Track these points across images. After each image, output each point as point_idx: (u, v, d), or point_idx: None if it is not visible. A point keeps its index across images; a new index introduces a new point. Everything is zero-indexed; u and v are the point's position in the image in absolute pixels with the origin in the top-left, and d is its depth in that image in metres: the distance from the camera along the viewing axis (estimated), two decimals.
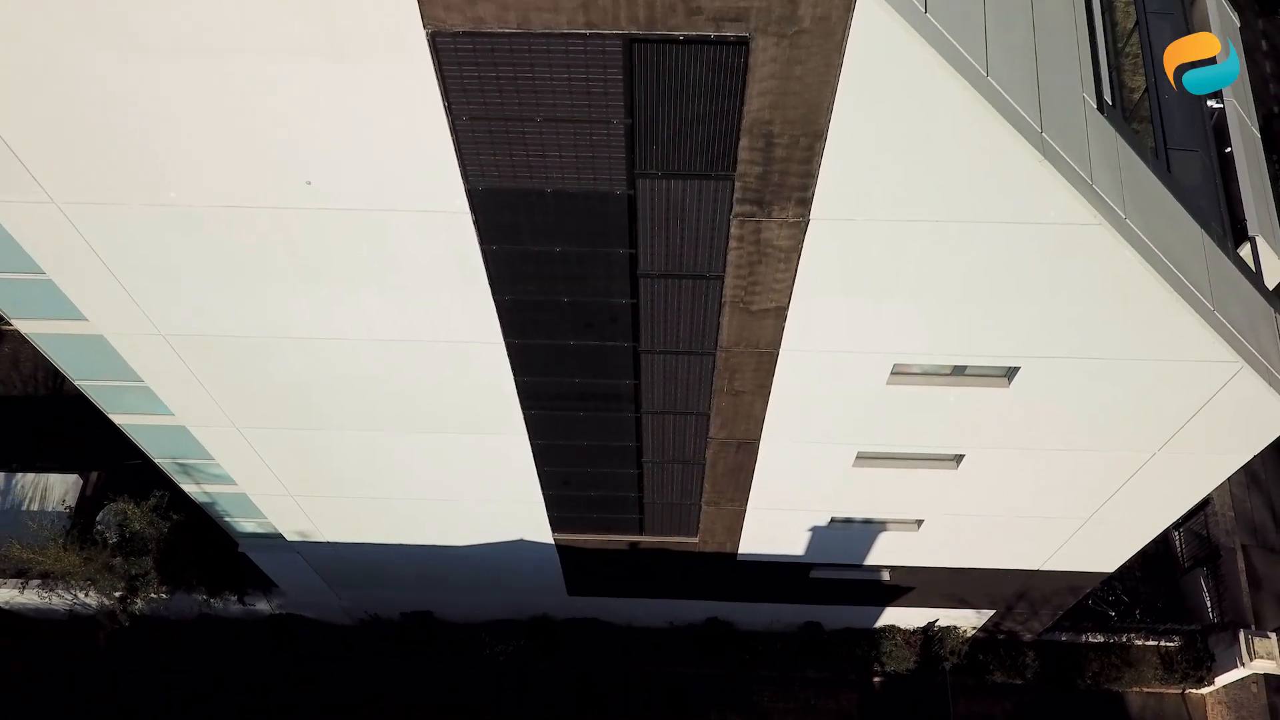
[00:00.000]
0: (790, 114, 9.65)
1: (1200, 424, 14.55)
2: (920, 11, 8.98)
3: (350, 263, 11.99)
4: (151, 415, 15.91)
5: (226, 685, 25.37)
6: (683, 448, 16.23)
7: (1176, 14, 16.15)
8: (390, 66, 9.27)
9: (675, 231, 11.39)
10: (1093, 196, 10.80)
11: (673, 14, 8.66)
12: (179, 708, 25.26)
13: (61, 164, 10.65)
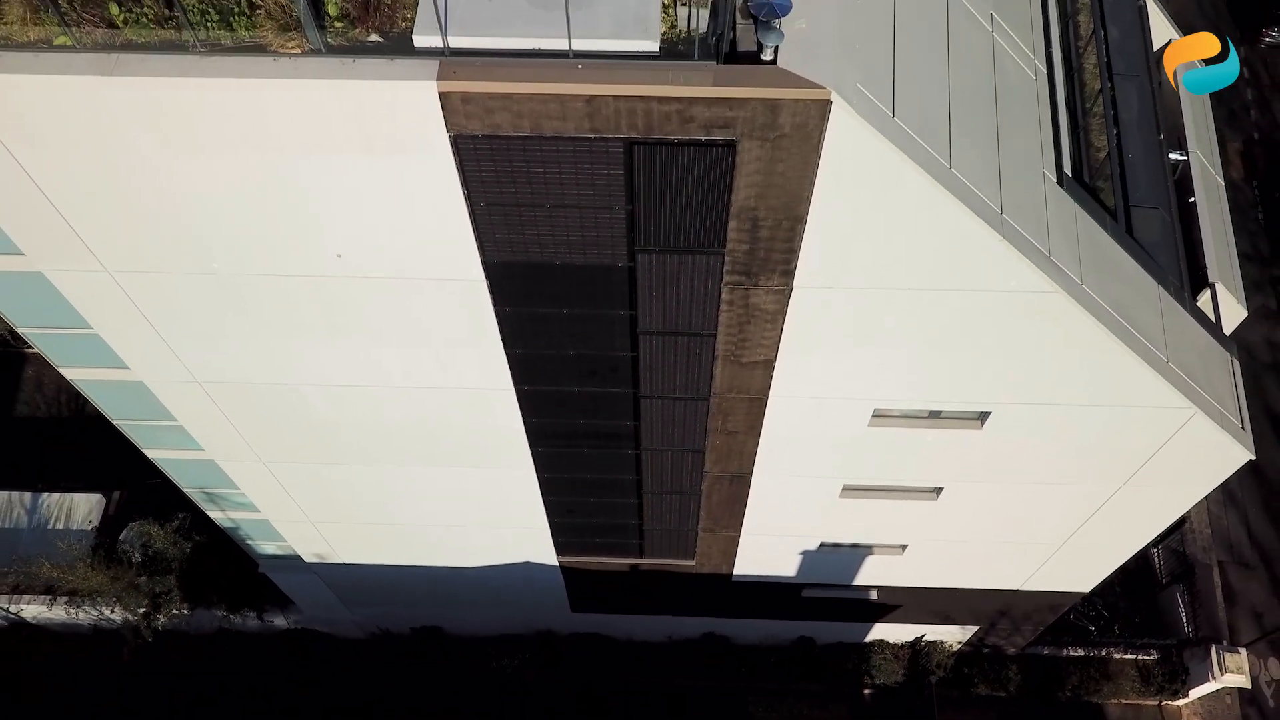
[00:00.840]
0: (773, 202, 10.77)
1: (1161, 461, 15.66)
2: (888, 116, 10.09)
3: (375, 322, 13.10)
4: (183, 450, 17.02)
5: (244, 696, 26.48)
6: (680, 481, 17.35)
7: (1142, 76, 17.23)
8: (415, 161, 10.39)
9: (672, 296, 12.51)
10: (1050, 267, 11.91)
11: (668, 122, 9.78)
12: (199, 718, 26.37)
13: (116, 240, 11.77)
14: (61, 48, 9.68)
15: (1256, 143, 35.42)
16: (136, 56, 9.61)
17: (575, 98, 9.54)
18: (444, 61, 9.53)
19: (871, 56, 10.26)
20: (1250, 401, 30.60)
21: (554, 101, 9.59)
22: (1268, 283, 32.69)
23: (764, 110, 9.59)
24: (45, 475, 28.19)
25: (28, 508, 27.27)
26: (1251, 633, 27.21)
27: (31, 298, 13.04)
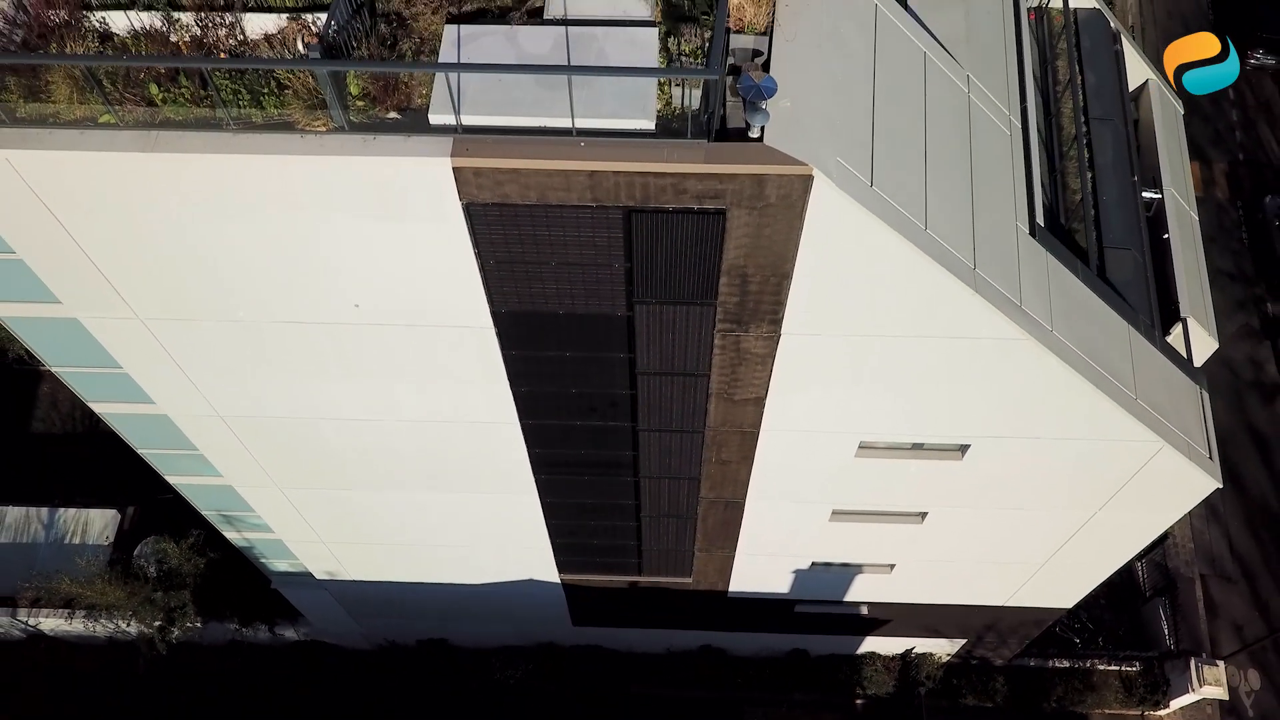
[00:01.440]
0: (761, 261, 11.61)
1: (1133, 489, 16.49)
2: (867, 185, 10.93)
3: (389, 364, 13.94)
4: (204, 477, 17.86)
5: (256, 706, 27.31)
6: (677, 505, 18.19)
7: (1117, 119, 18.07)
8: (430, 225, 11.23)
9: (668, 342, 13.35)
10: (1020, 316, 12.75)
11: (664, 193, 10.62)
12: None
13: (148, 292, 12.61)
14: (105, 125, 10.52)
15: (1241, 163, 36.22)
16: (174, 134, 10.45)
17: (578, 172, 10.38)
18: (458, 139, 10.37)
19: (852, 130, 11.10)
20: (1233, 418, 31.57)
21: (559, 175, 10.43)
22: (1251, 302, 33.48)
23: (751, 184, 10.43)
24: (61, 491, 28.98)
25: (45, 523, 28.11)
26: (1232, 644, 28.04)
27: (66, 341, 13.87)
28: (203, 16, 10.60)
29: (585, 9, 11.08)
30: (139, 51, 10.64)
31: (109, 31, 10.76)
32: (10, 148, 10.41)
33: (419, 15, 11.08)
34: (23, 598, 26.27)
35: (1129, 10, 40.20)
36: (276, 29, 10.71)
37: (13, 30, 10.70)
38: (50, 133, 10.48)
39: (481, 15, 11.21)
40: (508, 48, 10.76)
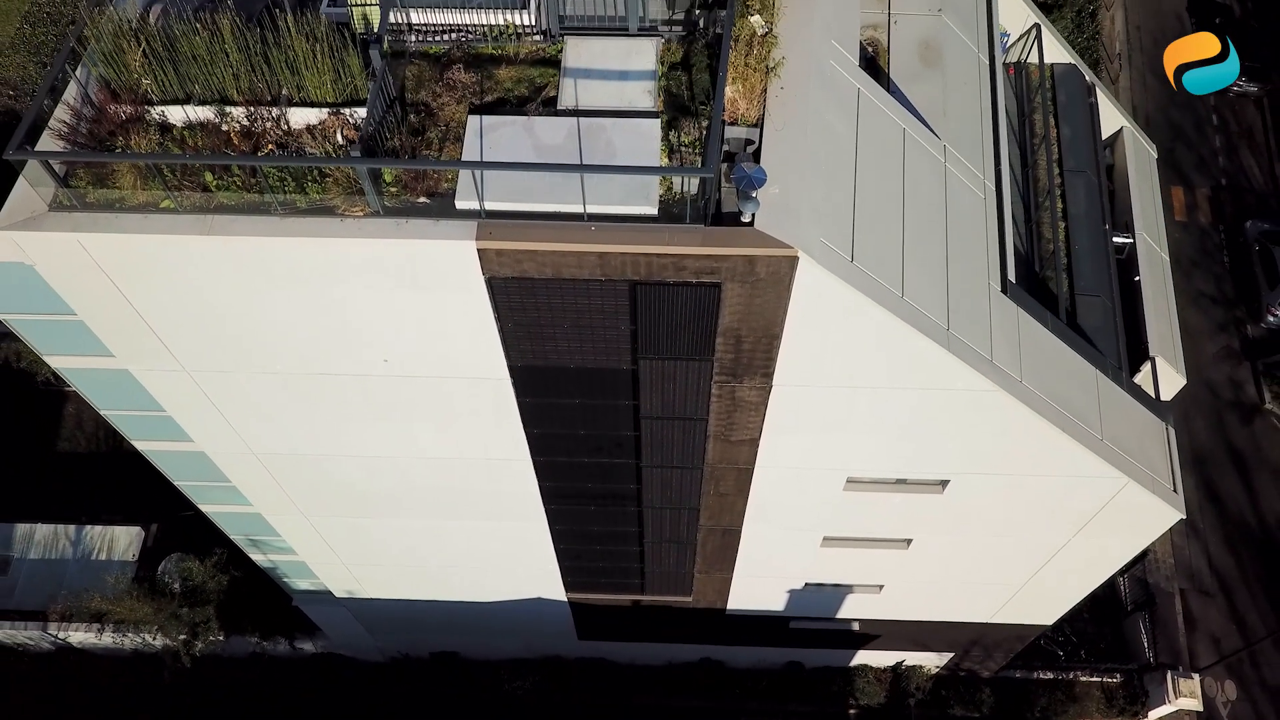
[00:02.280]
0: (753, 324, 12.83)
1: (1103, 519, 17.69)
2: (848, 261, 12.16)
3: (413, 409, 15.16)
4: (235, 505, 19.07)
5: (276, 716, 28.53)
6: (678, 532, 19.40)
7: (1090, 171, 19.27)
8: (455, 295, 12.45)
9: (669, 391, 14.57)
10: (991, 369, 13.96)
11: (665, 270, 11.84)
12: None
13: (196, 348, 13.84)
14: (166, 210, 11.75)
15: (1224, 188, 37.39)
16: (227, 217, 11.69)
17: (589, 253, 11.61)
18: (481, 223, 11.60)
19: (835, 211, 12.32)
20: (1213, 437, 32.74)
21: (572, 255, 11.66)
22: (1231, 324, 34.64)
23: (743, 263, 11.66)
24: (87, 508, 30.19)
25: (73, 540, 29.35)
26: (1210, 656, 29.22)
27: (115, 388, 15.09)
28: (251, 110, 11.81)
29: (595, 99, 12.33)
30: (195, 142, 11.84)
31: (168, 123, 11.96)
32: (81, 231, 11.64)
33: (444, 106, 12.32)
34: (53, 612, 27.48)
35: (1115, 37, 41.40)
36: (318, 120, 11.91)
37: (80, 123, 11.93)
38: (117, 216, 11.71)
39: (501, 104, 12.45)
40: (525, 138, 12.00)
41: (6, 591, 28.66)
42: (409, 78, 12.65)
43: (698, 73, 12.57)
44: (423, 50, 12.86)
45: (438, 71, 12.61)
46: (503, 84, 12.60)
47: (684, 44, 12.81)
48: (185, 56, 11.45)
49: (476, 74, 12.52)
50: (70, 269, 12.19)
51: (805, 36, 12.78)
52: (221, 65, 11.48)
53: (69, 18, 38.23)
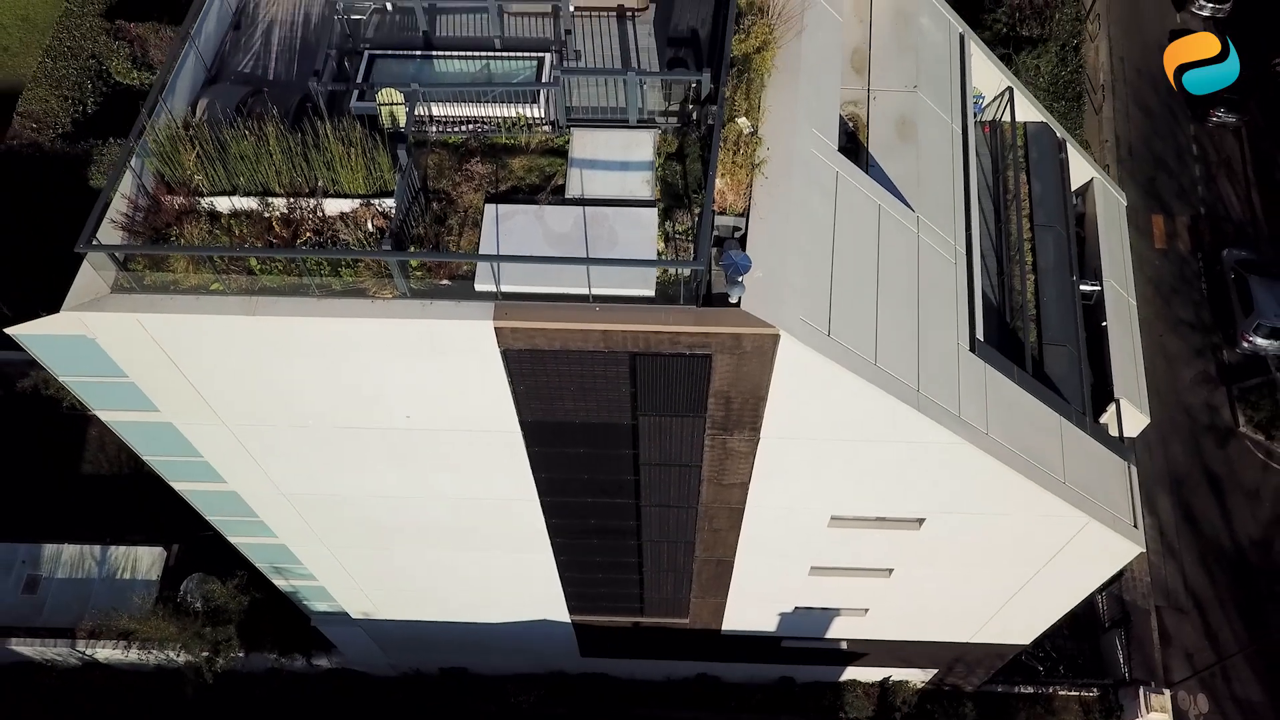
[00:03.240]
0: (741, 388, 14.21)
1: (1069, 553, 19.07)
2: (825, 335, 13.55)
3: (431, 457, 16.55)
4: (262, 538, 20.46)
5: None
6: (675, 562, 20.79)
7: (1059, 226, 20.67)
8: (473, 364, 13.84)
9: (666, 442, 15.95)
10: (958, 424, 15.34)
11: (662, 344, 13.23)
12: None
13: (236, 407, 15.23)
14: (215, 291, 13.14)
15: (1203, 217, 38.78)
16: (270, 299, 13.08)
17: (594, 330, 13.01)
18: (498, 304, 12.99)
19: (814, 289, 13.71)
20: (1189, 459, 34.15)
21: (578, 332, 13.05)
22: (1209, 349, 36.03)
23: (731, 339, 13.05)
24: (111, 529, 31.56)
25: (98, 560, 30.72)
26: (1184, 671, 30.61)
27: (159, 438, 16.47)
28: (291, 201, 13.19)
29: (599, 188, 13.73)
30: (240, 230, 13.22)
31: (216, 212, 13.34)
32: (140, 311, 13.04)
33: (463, 194, 13.71)
34: (81, 630, 28.87)
35: (1099, 68, 42.79)
36: (350, 209, 13.28)
37: (137, 213, 13.31)
38: (171, 298, 13.11)
39: (515, 192, 13.85)
40: (536, 225, 13.40)
41: (35, 609, 30.04)
42: (430, 166, 14.04)
43: (691, 163, 13.97)
44: (442, 139, 14.26)
45: (456, 160, 14.01)
46: (515, 172, 13.99)
47: (679, 135, 14.20)
48: (234, 156, 12.83)
49: (492, 163, 13.92)
50: (128, 342, 13.58)
51: (788, 129, 14.17)
52: (266, 163, 12.86)
53: (89, 52, 39.63)
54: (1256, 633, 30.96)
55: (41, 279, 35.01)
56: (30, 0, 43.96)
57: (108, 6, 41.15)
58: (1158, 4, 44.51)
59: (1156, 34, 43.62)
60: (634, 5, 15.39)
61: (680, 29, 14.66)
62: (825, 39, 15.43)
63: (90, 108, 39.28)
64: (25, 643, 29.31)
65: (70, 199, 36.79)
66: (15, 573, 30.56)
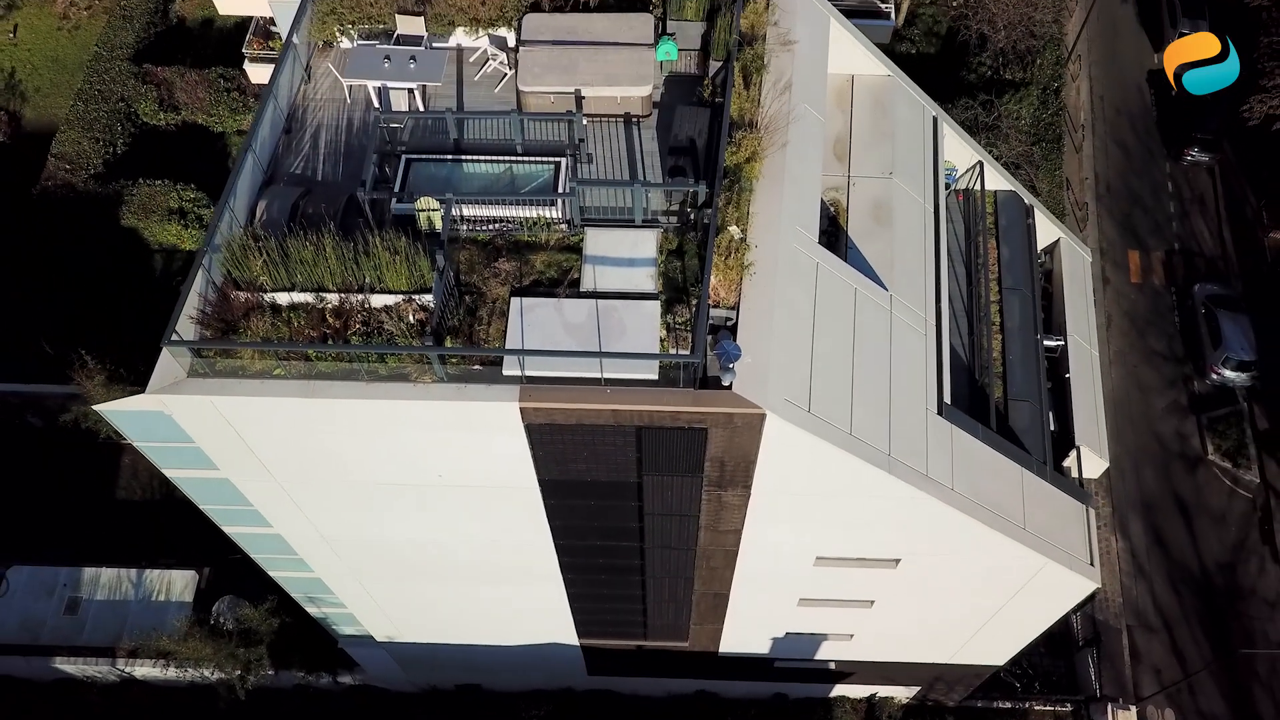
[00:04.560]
0: (734, 454, 16.25)
1: (1031, 588, 21.10)
2: (805, 412, 15.58)
3: (458, 508, 18.59)
4: (300, 572, 22.50)
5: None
6: (675, 594, 22.83)
7: (1025, 289, 22.70)
8: (500, 436, 15.87)
9: (667, 496, 18.00)
10: (925, 482, 17.37)
11: (664, 419, 15.27)
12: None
13: (289, 468, 17.28)
14: (277, 376, 15.19)
15: (1176, 252, 40.77)
16: (325, 383, 15.13)
17: (605, 409, 15.05)
18: (523, 387, 15.03)
19: (796, 371, 15.75)
20: (1160, 485, 36.20)
21: (591, 410, 15.09)
22: (1180, 380, 38.04)
23: (724, 417, 15.09)
24: (145, 553, 33.59)
25: (134, 583, 32.77)
26: (1153, 687, 32.62)
27: (216, 491, 18.50)
28: (342, 296, 15.23)
29: (609, 282, 15.77)
30: (298, 321, 15.25)
31: (277, 305, 15.38)
32: (212, 394, 15.08)
33: (492, 288, 15.75)
34: (122, 649, 30.91)
35: (1081, 107, 44.81)
36: (394, 303, 15.32)
37: (208, 307, 15.35)
38: (239, 382, 15.16)
39: (536, 285, 15.89)
40: (556, 316, 15.44)
41: (76, 629, 32.09)
42: (462, 261, 16.09)
43: (689, 259, 16.02)
44: (472, 237, 16.31)
45: (485, 257, 16.06)
46: (536, 267, 16.04)
47: (679, 234, 16.25)
48: (294, 260, 14.87)
49: (516, 260, 15.97)
50: (201, 418, 15.63)
51: (773, 230, 16.21)
52: (322, 266, 14.89)
53: (118, 95, 41.66)
54: (1221, 650, 32.97)
55: (80, 315, 37.14)
56: (59, 42, 45.99)
57: (135, 51, 43.18)
58: (1136, 45, 46.53)
59: (1135, 74, 45.64)
60: (639, 112, 17.45)
61: (680, 138, 16.72)
62: (808, 145, 17.47)
63: (120, 148, 41.32)
64: (68, 661, 31.37)
65: (103, 237, 38.92)
66: (57, 595, 32.62)
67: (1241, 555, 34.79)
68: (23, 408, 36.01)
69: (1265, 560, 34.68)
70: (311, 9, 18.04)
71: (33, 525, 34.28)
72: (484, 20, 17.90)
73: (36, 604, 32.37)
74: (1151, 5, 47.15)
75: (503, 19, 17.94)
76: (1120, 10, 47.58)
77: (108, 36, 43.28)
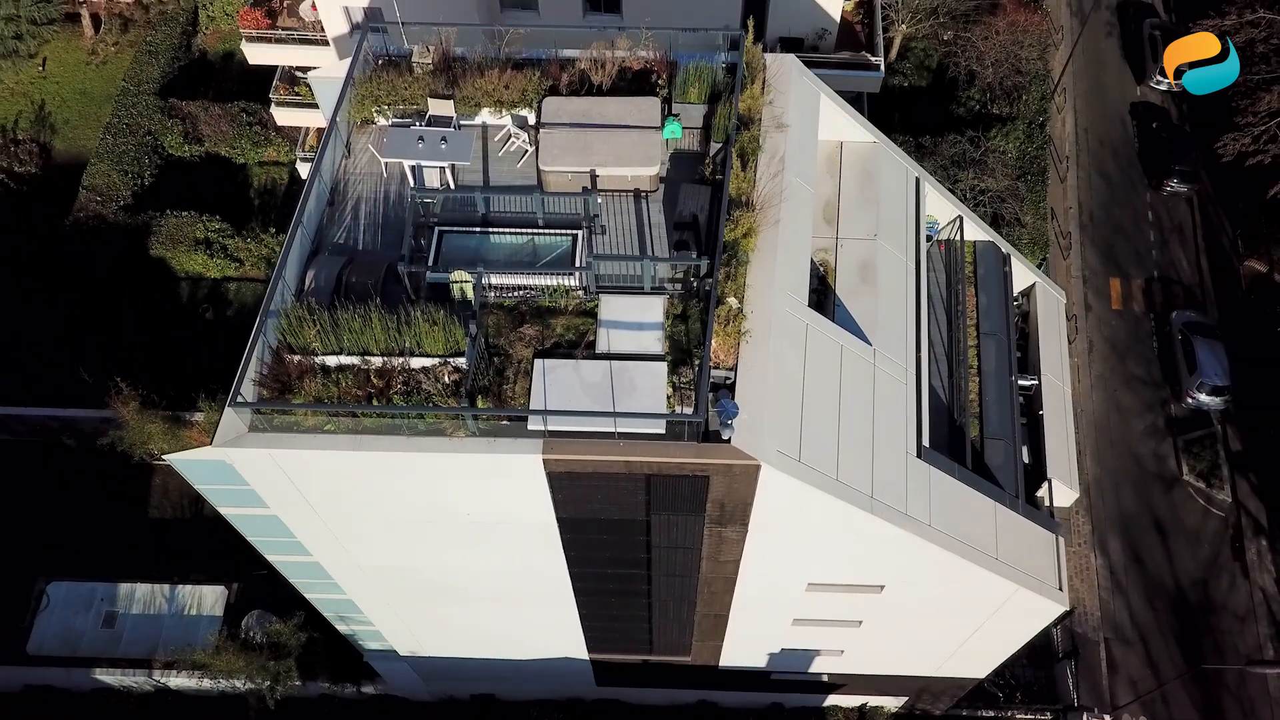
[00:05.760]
0: (732, 497, 18.21)
1: (1004, 611, 23.05)
2: (796, 461, 17.54)
3: (484, 540, 20.55)
4: (334, 594, 24.47)
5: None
6: (679, 615, 24.79)
7: (1001, 334, 24.63)
8: (524, 481, 17.83)
9: (672, 531, 19.95)
10: (905, 520, 19.31)
11: (670, 468, 17.22)
12: None
13: (334, 508, 19.24)
14: (328, 431, 17.15)
15: (1155, 280, 42.72)
16: (371, 437, 17.09)
17: (618, 460, 17.00)
18: (546, 440, 16.99)
19: (788, 424, 17.69)
20: (1138, 505, 38.14)
21: (606, 461, 17.05)
22: (1158, 404, 39.99)
23: (723, 467, 17.05)
24: (177, 568, 35.53)
25: (168, 597, 34.76)
26: (1128, 696, 34.58)
27: (264, 526, 20.45)
28: (385, 359, 17.18)
29: (621, 344, 17.71)
30: (345, 381, 17.21)
31: (326, 366, 17.34)
32: (271, 447, 17.05)
33: (517, 350, 17.70)
34: (158, 661, 32.89)
35: (1065, 138, 46.75)
36: (431, 364, 17.28)
37: (265, 370, 17.30)
38: (294, 436, 17.12)
39: (556, 347, 17.84)
40: (574, 376, 17.38)
41: (114, 642, 34.07)
42: (490, 325, 18.04)
43: (692, 323, 17.97)
44: (499, 303, 18.27)
45: (511, 322, 18.01)
46: (557, 330, 17.99)
47: (683, 301, 18.21)
48: (344, 329, 16.83)
49: (538, 325, 17.92)
50: (259, 468, 17.60)
51: (767, 298, 18.15)
52: (368, 335, 16.86)
53: (145, 129, 43.62)
54: (1193, 662, 34.92)
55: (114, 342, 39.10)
56: (87, 75, 47.96)
57: (160, 85, 45.15)
58: (1119, 77, 48.49)
59: (1119, 106, 47.60)
60: (647, 188, 19.42)
61: (684, 213, 18.65)
62: (799, 216, 19.40)
63: (147, 180, 43.30)
64: (107, 672, 33.37)
65: (133, 267, 40.91)
66: (95, 609, 34.61)
67: (1214, 572, 36.76)
68: (59, 430, 37.98)
69: (1236, 576, 36.65)
70: (352, 93, 19.99)
71: (71, 542, 36.24)
72: (507, 102, 19.86)
73: (75, 618, 34.36)
74: (1134, 39, 49.12)
75: (524, 101, 19.90)
76: (1104, 43, 49.56)
77: (135, 71, 45.26)
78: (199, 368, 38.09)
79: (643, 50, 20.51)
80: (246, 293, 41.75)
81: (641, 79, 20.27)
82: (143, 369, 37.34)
